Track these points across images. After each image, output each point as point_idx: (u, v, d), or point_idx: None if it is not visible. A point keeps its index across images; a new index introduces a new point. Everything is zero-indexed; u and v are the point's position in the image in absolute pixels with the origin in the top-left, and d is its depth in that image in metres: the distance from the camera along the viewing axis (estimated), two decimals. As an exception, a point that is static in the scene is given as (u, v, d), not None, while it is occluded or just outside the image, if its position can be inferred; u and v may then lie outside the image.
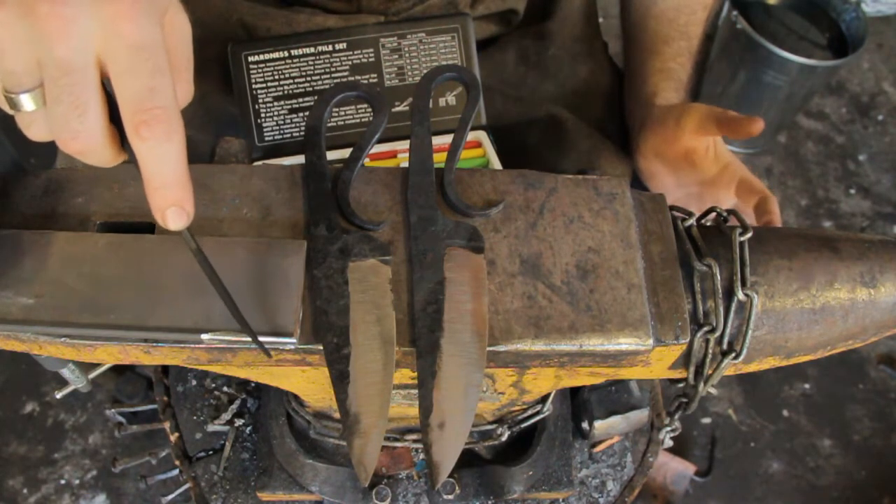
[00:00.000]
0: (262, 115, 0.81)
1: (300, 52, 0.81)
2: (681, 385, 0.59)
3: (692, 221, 0.56)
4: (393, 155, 0.80)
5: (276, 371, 0.55)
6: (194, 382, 0.88)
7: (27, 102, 0.38)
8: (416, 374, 0.48)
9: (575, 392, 0.84)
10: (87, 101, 0.37)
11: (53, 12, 0.35)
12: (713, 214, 0.58)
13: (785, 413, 1.79)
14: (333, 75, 0.81)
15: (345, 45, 0.81)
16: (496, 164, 0.80)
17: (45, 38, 0.36)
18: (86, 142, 0.38)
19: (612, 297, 0.51)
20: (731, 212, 0.57)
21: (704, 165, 0.78)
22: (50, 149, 0.50)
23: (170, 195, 0.38)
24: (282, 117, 0.81)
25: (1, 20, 0.36)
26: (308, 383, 0.59)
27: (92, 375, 0.72)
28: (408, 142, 0.56)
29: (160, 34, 0.38)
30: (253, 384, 0.87)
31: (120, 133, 0.39)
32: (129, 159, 0.39)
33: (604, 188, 0.55)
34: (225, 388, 0.87)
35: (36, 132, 0.39)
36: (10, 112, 0.39)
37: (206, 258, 0.43)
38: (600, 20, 1.02)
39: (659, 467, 1.63)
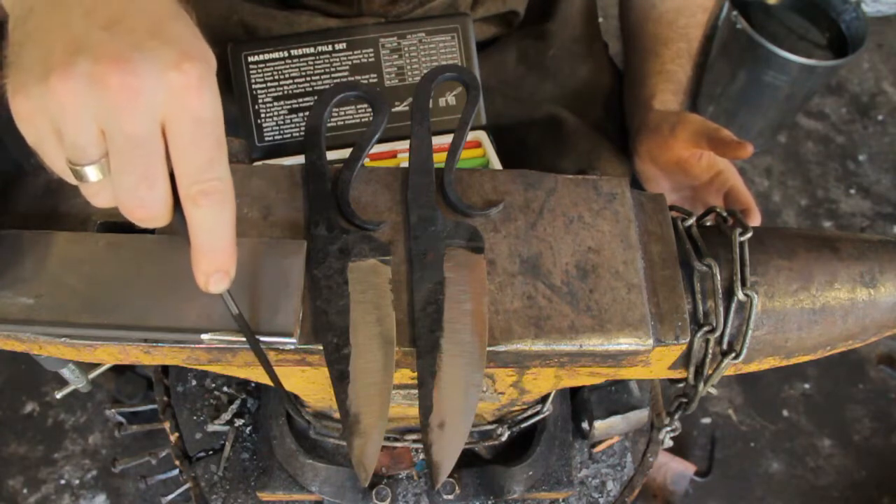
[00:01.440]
0: (262, 115, 0.81)
1: (300, 52, 0.81)
2: (681, 385, 0.59)
3: (692, 221, 0.56)
4: (393, 155, 0.80)
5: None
6: (194, 382, 0.88)
7: (92, 174, 0.38)
8: (416, 374, 0.48)
9: (575, 392, 0.84)
10: (156, 172, 0.38)
11: (125, 84, 0.35)
12: (713, 214, 0.58)
13: (785, 413, 1.79)
14: (333, 75, 0.81)
15: (345, 45, 0.81)
16: (496, 164, 0.80)
17: (113, 109, 0.36)
18: (151, 210, 0.38)
19: (612, 297, 0.51)
20: (730, 212, 0.57)
21: (696, 172, 0.79)
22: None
23: (217, 260, 0.40)
24: (282, 117, 0.81)
25: (69, 88, 0.35)
26: (308, 383, 0.59)
27: (92, 375, 0.72)
28: (408, 142, 0.56)
29: (220, 107, 0.38)
30: (253, 384, 0.87)
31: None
32: (176, 223, 0.40)
33: (604, 188, 0.55)
34: (225, 388, 0.87)
35: (102, 201, 0.40)
36: (74, 182, 0.39)
37: (246, 322, 0.45)
38: (600, 20, 1.02)
39: (659, 467, 1.63)
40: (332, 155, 0.60)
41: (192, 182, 0.38)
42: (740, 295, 0.52)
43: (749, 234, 0.53)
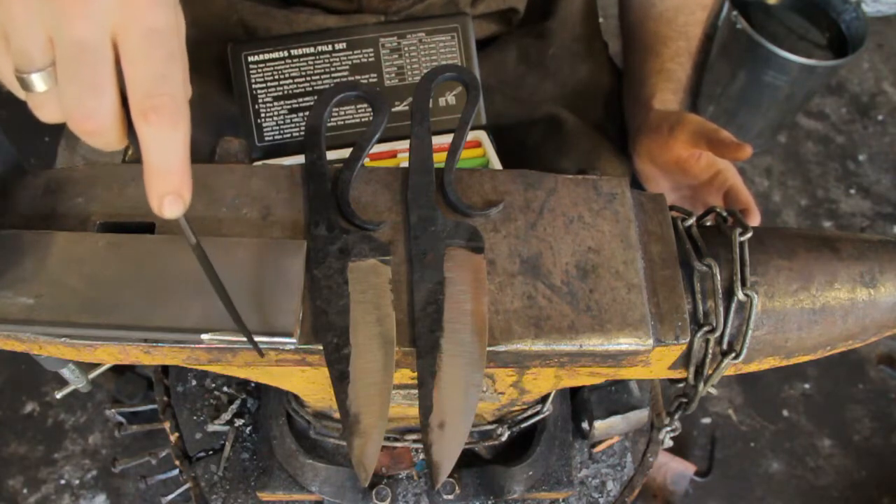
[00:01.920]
0: (262, 115, 0.81)
1: (300, 52, 0.81)
2: (681, 385, 0.59)
3: (692, 221, 0.56)
4: (393, 155, 0.80)
5: (276, 371, 0.55)
6: (194, 382, 0.88)
7: (39, 83, 0.37)
8: (416, 374, 0.48)
9: (575, 392, 0.84)
10: (104, 81, 0.37)
11: None
12: (713, 214, 0.58)
13: (785, 413, 1.79)
14: (333, 75, 0.81)
15: (345, 44, 0.81)
16: (496, 164, 0.80)
17: (62, 15, 0.35)
18: (99, 122, 0.37)
19: (612, 297, 0.51)
20: (730, 212, 0.57)
21: (695, 172, 0.79)
22: (50, 149, 0.50)
23: (169, 182, 0.38)
24: (282, 117, 0.81)
25: None
26: (308, 383, 0.59)
27: (92, 375, 0.72)
28: (408, 142, 0.56)
29: (175, 21, 0.37)
30: (253, 384, 0.87)
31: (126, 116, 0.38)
32: (131, 143, 0.38)
33: (604, 188, 0.55)
34: (225, 388, 0.87)
35: (48, 114, 0.39)
36: (21, 94, 0.38)
37: (204, 252, 0.42)
38: (600, 20, 1.02)
39: (659, 467, 1.63)
40: (332, 155, 0.60)
41: (144, 96, 0.36)
42: (740, 295, 0.52)
43: (749, 234, 0.53)
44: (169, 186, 0.38)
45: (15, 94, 0.39)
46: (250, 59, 0.80)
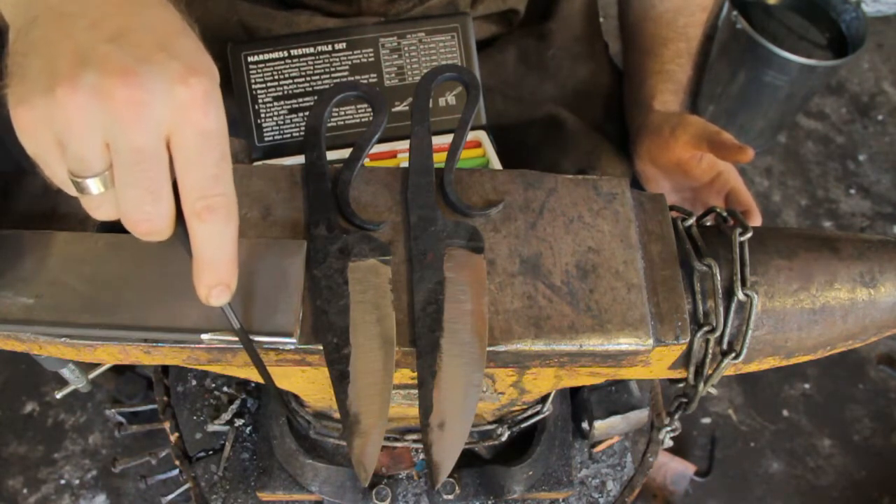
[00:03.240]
0: (262, 115, 0.81)
1: (300, 52, 0.81)
2: (681, 385, 0.59)
3: (692, 221, 0.56)
4: (393, 155, 0.80)
5: (276, 371, 0.55)
6: (194, 382, 0.88)
7: (94, 186, 0.38)
8: (416, 374, 0.48)
9: (575, 392, 0.84)
10: (161, 187, 0.37)
11: (131, 97, 0.35)
12: (713, 214, 0.58)
13: (785, 413, 1.79)
14: (333, 75, 0.81)
15: (344, 44, 0.81)
16: (496, 164, 0.80)
17: (119, 122, 0.36)
18: (155, 224, 0.38)
19: (612, 297, 0.51)
20: (731, 212, 0.57)
21: (696, 173, 0.79)
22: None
23: (219, 275, 0.40)
24: (282, 117, 0.81)
25: (76, 103, 0.35)
26: (308, 383, 0.59)
27: (92, 375, 0.72)
28: (408, 142, 0.56)
29: (225, 121, 0.38)
30: (253, 384, 0.87)
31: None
32: (176, 235, 0.40)
33: (604, 188, 0.55)
34: (225, 388, 0.87)
35: (104, 214, 0.40)
36: (74, 194, 0.39)
37: (248, 337, 0.45)
38: (600, 20, 1.02)
39: (659, 467, 1.63)
40: (332, 155, 0.60)
41: (198, 197, 0.38)
42: (740, 295, 0.52)
43: (749, 234, 0.53)
44: (218, 278, 0.40)
45: (68, 193, 0.40)
46: (250, 59, 0.80)
